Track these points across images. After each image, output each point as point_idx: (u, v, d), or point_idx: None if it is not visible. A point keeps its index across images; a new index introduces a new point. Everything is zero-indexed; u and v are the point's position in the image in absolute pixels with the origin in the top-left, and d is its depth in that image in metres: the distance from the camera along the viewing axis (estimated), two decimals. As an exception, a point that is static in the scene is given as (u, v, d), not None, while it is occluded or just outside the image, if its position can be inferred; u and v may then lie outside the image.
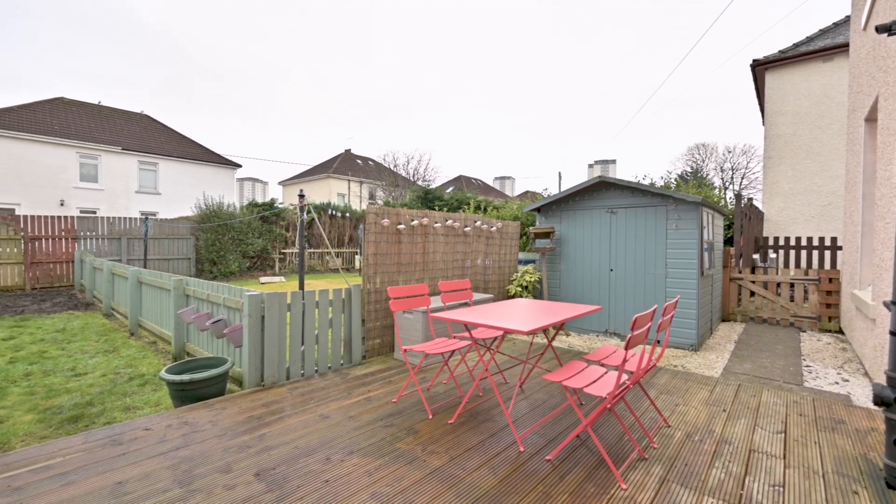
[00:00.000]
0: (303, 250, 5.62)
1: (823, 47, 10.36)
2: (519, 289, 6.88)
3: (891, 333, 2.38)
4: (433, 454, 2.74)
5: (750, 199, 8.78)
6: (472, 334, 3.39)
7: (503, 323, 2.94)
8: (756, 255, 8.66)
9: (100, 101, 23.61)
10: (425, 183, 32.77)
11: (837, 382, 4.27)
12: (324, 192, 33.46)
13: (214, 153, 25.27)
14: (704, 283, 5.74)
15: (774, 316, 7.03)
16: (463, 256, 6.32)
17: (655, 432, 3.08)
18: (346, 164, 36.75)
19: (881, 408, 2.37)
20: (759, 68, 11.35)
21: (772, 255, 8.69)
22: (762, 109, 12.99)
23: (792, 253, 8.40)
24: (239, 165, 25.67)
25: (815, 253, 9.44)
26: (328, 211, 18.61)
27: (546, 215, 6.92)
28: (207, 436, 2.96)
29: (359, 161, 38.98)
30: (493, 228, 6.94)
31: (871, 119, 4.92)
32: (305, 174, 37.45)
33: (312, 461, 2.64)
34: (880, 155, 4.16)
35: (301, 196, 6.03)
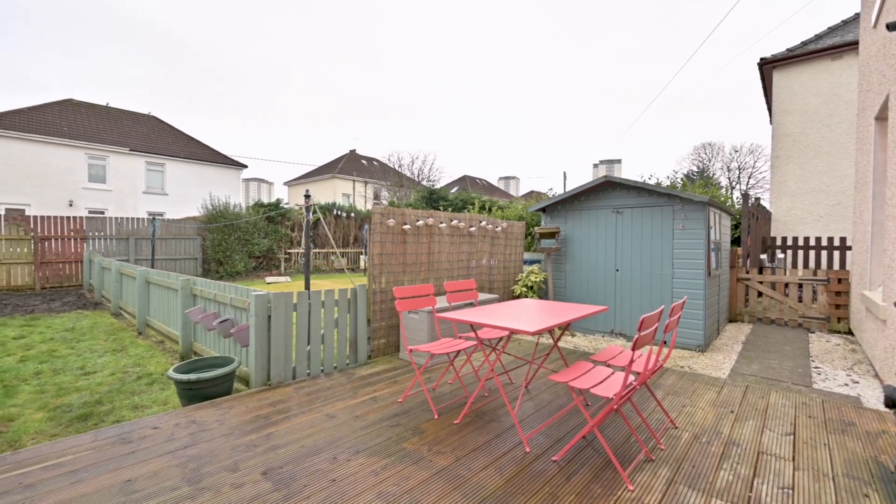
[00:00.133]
0: (308, 250, 5.65)
1: (832, 45, 10.25)
2: (524, 289, 6.86)
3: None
4: (439, 454, 2.75)
5: (757, 199, 8.72)
6: (478, 334, 3.39)
7: (509, 323, 2.93)
8: (763, 256, 8.58)
9: (108, 103, 23.85)
10: (430, 183, 32.79)
11: (847, 384, 4.22)
12: (329, 192, 33.59)
13: (220, 154, 25.44)
14: (711, 283, 5.69)
15: (782, 317, 6.97)
16: (468, 256, 6.31)
17: (662, 433, 3.06)
18: (350, 165, 36.86)
19: (892, 410, 2.34)
20: (767, 67, 11.25)
21: (779, 255, 8.61)
22: (770, 108, 12.87)
23: (800, 253, 8.32)
24: (245, 166, 25.82)
25: (824, 253, 9.33)
26: (333, 211, 18.67)
27: (551, 215, 6.90)
28: (215, 434, 2.98)
29: (363, 161, 39.08)
30: (498, 228, 6.93)
31: (882, 117, 4.86)
32: (310, 174, 37.60)
33: (319, 460, 2.65)
34: (891, 154, 4.11)
35: (307, 196, 6.06)
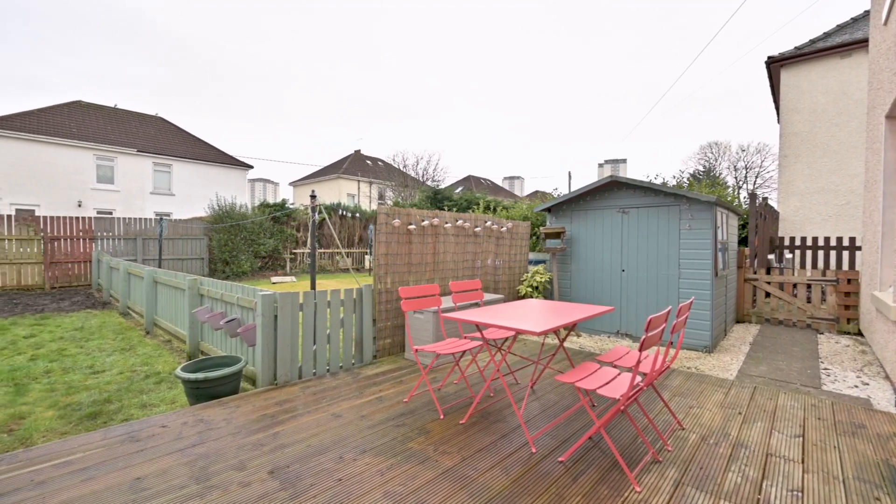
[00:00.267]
0: (314, 250, 5.67)
1: (841, 43, 10.13)
2: (529, 289, 6.85)
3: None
4: (445, 454, 2.75)
5: (765, 199, 8.64)
6: (484, 335, 3.38)
7: (515, 323, 2.93)
8: (771, 256, 8.50)
9: (116, 104, 24.09)
10: (434, 183, 32.81)
11: (857, 386, 4.18)
12: (334, 192, 33.70)
13: (226, 154, 25.61)
14: (718, 283, 5.65)
15: (791, 317, 6.90)
16: (473, 257, 6.31)
17: (669, 435, 3.05)
18: (355, 165, 36.96)
19: (904, 412, 2.31)
20: (775, 65, 11.15)
21: (787, 255, 8.53)
22: (777, 107, 12.75)
23: (808, 253, 8.23)
24: (250, 166, 25.96)
25: (833, 253, 9.23)
26: (338, 211, 18.74)
27: (557, 215, 6.88)
28: (222, 433, 3.01)
29: (368, 161, 39.18)
30: (503, 229, 6.92)
31: (893, 116, 4.80)
32: (316, 175, 37.75)
33: (325, 460, 2.66)
34: (902, 153, 4.06)
35: (313, 196, 6.09)
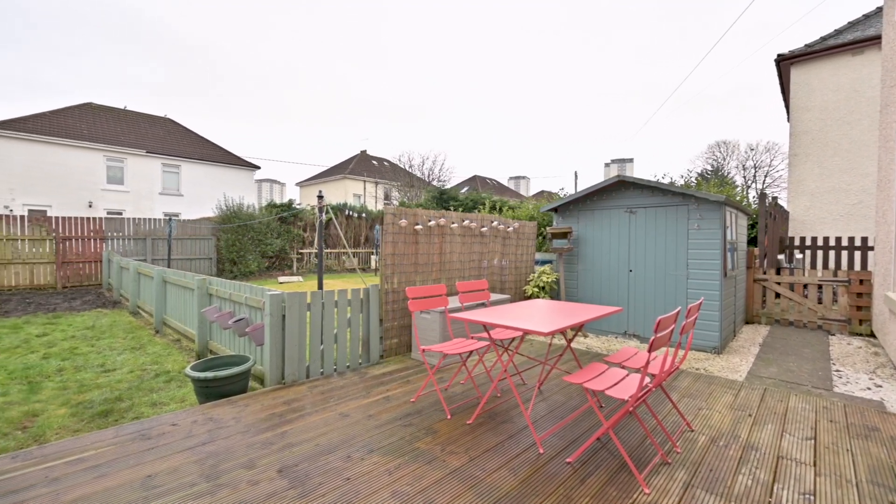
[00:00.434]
0: (322, 250, 5.70)
1: (853, 40, 9.99)
2: (536, 289, 6.83)
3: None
4: (452, 454, 2.75)
5: (775, 198, 8.54)
6: (491, 335, 3.38)
7: (522, 324, 2.93)
8: (781, 256, 8.40)
9: (125, 106, 24.39)
10: (440, 183, 32.82)
11: (870, 388, 4.12)
12: (340, 192, 33.84)
13: (234, 155, 25.82)
14: (727, 284, 5.60)
15: (801, 318, 6.82)
16: (479, 257, 6.31)
17: (678, 436, 3.02)
18: (361, 165, 37.09)
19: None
20: (784, 63, 11.02)
21: (798, 255, 8.42)
22: (787, 106, 12.60)
23: (819, 253, 8.12)
24: (257, 167, 26.16)
25: (845, 253, 9.11)
26: (345, 211, 18.82)
27: (563, 215, 6.86)
28: (231, 432, 3.03)
29: (374, 162, 39.29)
30: (509, 229, 6.91)
31: (906, 114, 4.72)
32: (322, 175, 37.93)
33: (333, 459, 2.68)
34: (916, 152, 4.00)
35: (320, 197, 6.12)
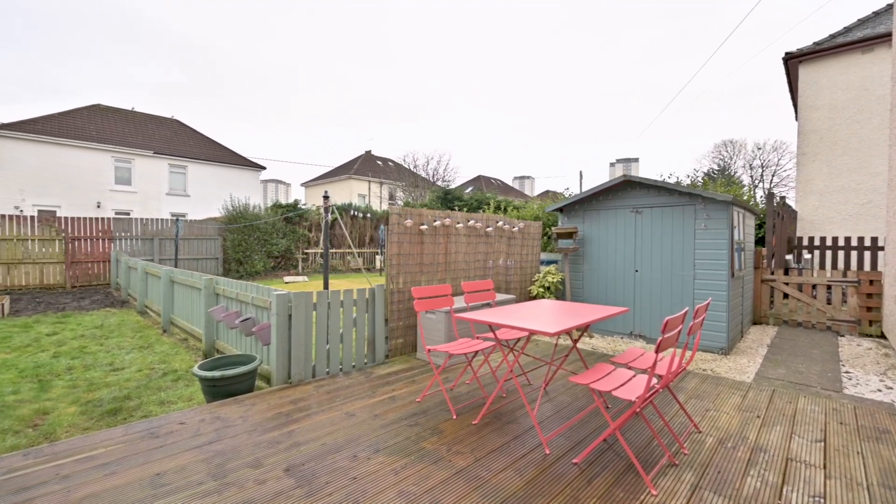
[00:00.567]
0: (327, 250, 5.72)
1: (863, 38, 9.88)
2: (541, 289, 6.81)
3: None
4: (458, 454, 2.75)
5: (783, 198, 8.46)
6: (497, 335, 3.38)
7: (528, 324, 2.92)
8: (789, 256, 8.33)
9: (133, 107, 24.61)
10: (445, 183, 32.85)
11: (881, 390, 4.07)
12: (345, 192, 33.95)
13: (240, 156, 25.97)
14: (735, 284, 5.56)
15: (810, 319, 6.75)
16: (485, 257, 6.30)
17: (686, 438, 3.01)
18: (366, 166, 37.18)
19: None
20: (792, 61, 10.92)
21: (806, 255, 8.34)
22: (795, 104, 12.49)
23: (828, 254, 8.04)
24: (263, 167, 26.29)
25: (854, 254, 9.00)
26: (350, 211, 18.87)
27: (569, 215, 6.83)
28: (238, 431, 3.05)
29: (379, 162, 39.38)
30: (514, 229, 6.90)
31: (918, 113, 4.66)
32: (327, 175, 38.07)
33: (340, 458, 2.69)
34: (928, 150, 3.94)
35: (326, 197, 6.14)
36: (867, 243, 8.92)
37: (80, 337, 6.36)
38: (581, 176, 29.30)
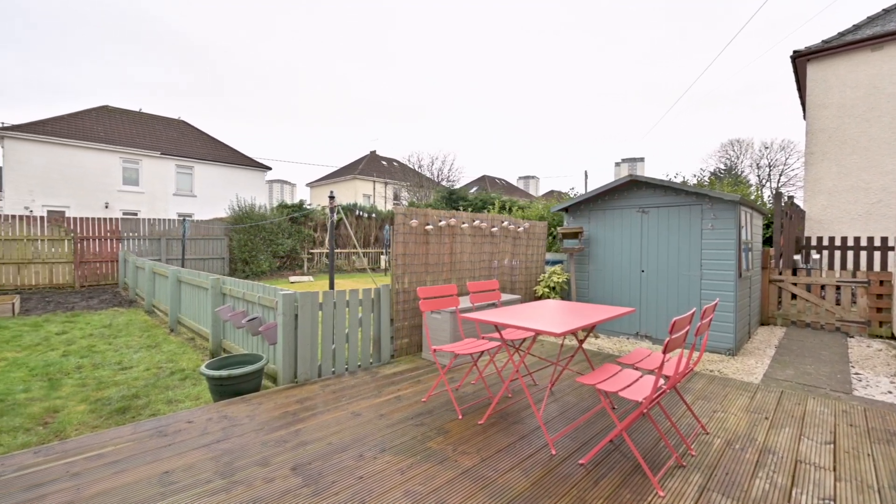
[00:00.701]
0: (333, 250, 5.74)
1: (872, 35, 9.75)
2: (546, 289, 6.80)
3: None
4: (464, 454, 2.75)
5: (790, 198, 8.38)
6: (502, 335, 3.37)
7: (535, 324, 2.91)
8: (797, 256, 8.25)
9: (140, 109, 24.83)
10: (449, 183, 32.84)
11: (891, 391, 4.02)
12: (350, 193, 34.05)
13: (245, 156, 26.13)
14: (742, 285, 5.51)
15: (818, 320, 6.68)
16: (490, 257, 6.30)
17: (693, 439, 2.99)
18: (371, 166, 37.27)
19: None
20: (800, 60, 10.81)
21: (815, 255, 8.26)
22: (803, 103, 12.36)
23: (837, 254, 7.94)
24: (269, 168, 26.43)
25: (864, 254, 8.90)
26: (355, 212, 18.93)
27: (574, 215, 6.81)
28: (246, 430, 3.07)
29: (384, 162, 39.45)
30: (520, 229, 6.89)
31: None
32: (332, 175, 38.20)
33: (346, 457, 2.70)
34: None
35: (331, 197, 6.17)
36: (877, 243, 8.80)
37: (89, 336, 6.43)
38: (586, 176, 29.19)
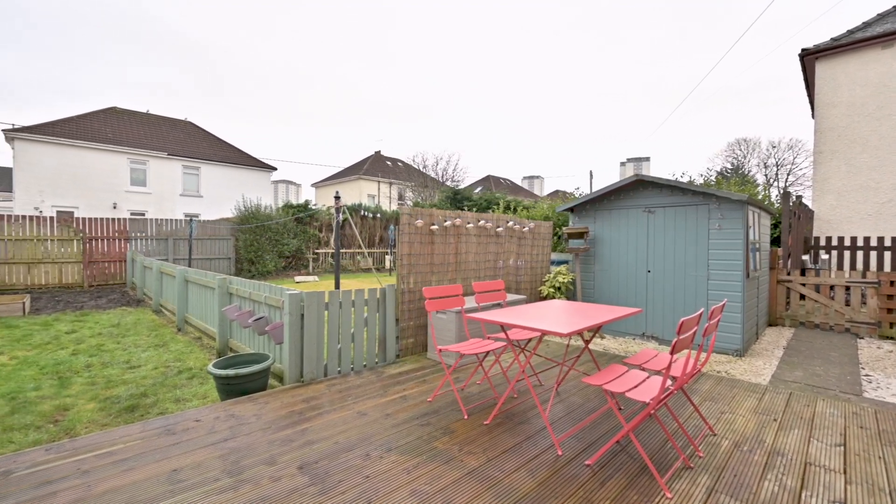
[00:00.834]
0: (338, 250, 5.76)
1: (882, 33, 9.63)
2: (552, 290, 6.78)
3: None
4: (470, 454, 2.75)
5: (799, 197, 8.30)
6: (508, 335, 3.37)
7: (541, 324, 2.91)
8: (806, 257, 8.16)
9: (147, 110, 25.06)
10: (454, 183, 32.85)
11: (902, 393, 3.96)
12: (354, 193, 34.15)
13: (251, 157, 26.28)
14: (750, 285, 5.47)
15: (827, 321, 6.61)
16: (495, 257, 6.29)
17: (700, 440, 2.97)
18: (375, 166, 37.36)
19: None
20: (809, 58, 10.69)
21: (823, 256, 8.17)
22: (811, 101, 12.23)
23: (846, 254, 7.86)
24: (274, 168, 26.56)
25: (874, 254, 8.79)
26: (360, 212, 18.98)
27: (580, 215, 6.79)
28: (253, 429, 3.09)
29: (388, 162, 39.53)
30: (525, 229, 6.87)
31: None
32: (337, 176, 38.33)
33: (353, 457, 2.71)
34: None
35: (337, 198, 6.19)
36: (887, 243, 8.70)
37: (98, 335, 6.50)
38: (591, 175, 29.08)
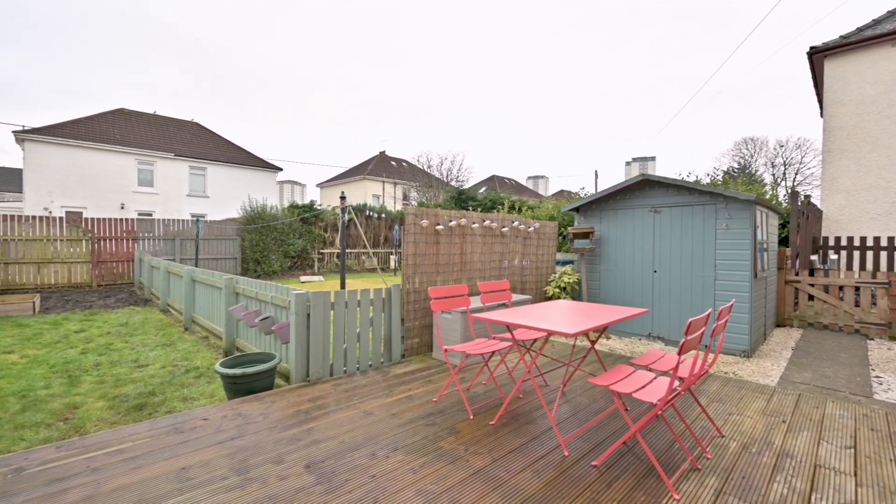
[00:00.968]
0: (344, 250, 5.78)
1: (893, 30, 9.52)
2: (557, 290, 6.76)
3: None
4: (476, 454, 2.75)
5: (807, 197, 8.21)
6: (514, 335, 3.36)
7: (547, 325, 2.90)
8: (814, 257, 8.08)
9: (155, 111, 25.27)
10: (458, 183, 32.83)
11: (913, 395, 3.91)
12: (359, 193, 34.23)
13: (257, 157, 26.43)
14: (758, 285, 5.42)
15: (836, 322, 6.54)
16: (500, 257, 6.28)
17: (708, 442, 2.95)
18: (380, 166, 37.43)
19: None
20: (818, 56, 10.59)
21: (832, 256, 8.08)
22: (820, 100, 12.11)
23: (856, 254, 7.77)
24: (280, 169, 26.69)
25: (883, 254, 8.69)
26: (365, 212, 19.02)
27: (585, 215, 6.76)
28: (260, 427, 3.11)
29: (393, 163, 39.59)
30: (530, 229, 6.86)
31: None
32: (342, 176, 38.46)
33: (359, 456, 2.71)
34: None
35: (342, 198, 6.21)
36: (898, 243, 8.58)
37: (107, 334, 6.56)
38: (596, 175, 28.93)
